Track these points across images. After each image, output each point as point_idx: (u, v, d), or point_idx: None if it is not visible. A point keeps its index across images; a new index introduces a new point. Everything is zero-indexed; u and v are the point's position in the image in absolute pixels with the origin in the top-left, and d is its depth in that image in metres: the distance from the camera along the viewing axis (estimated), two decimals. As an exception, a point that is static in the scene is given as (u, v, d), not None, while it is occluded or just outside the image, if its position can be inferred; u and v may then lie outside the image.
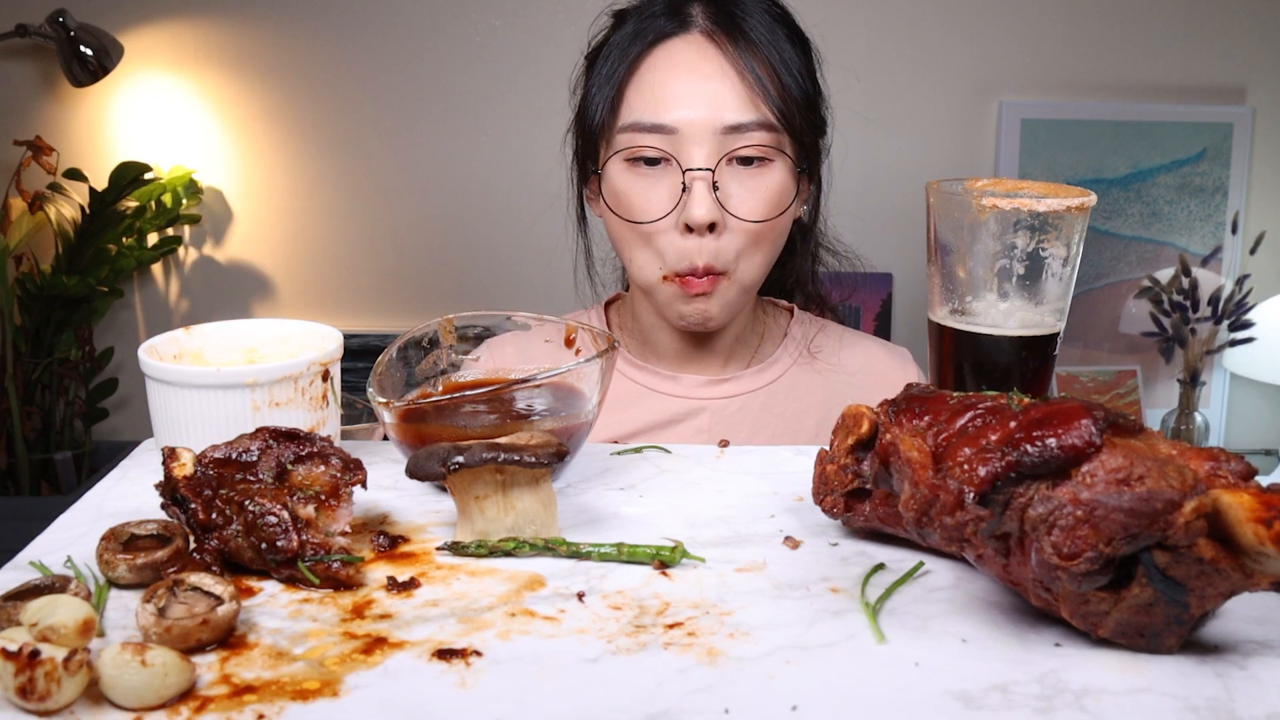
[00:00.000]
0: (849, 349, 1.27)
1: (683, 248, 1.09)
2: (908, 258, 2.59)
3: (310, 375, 0.82)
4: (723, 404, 1.21)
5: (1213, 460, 0.58)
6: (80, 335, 2.51)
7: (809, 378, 1.24)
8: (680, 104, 1.08)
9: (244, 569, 0.67)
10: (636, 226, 1.11)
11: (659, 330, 1.22)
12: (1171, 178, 2.67)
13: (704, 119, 1.07)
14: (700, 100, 1.08)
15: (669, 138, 1.08)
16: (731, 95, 1.08)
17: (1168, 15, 2.59)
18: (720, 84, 1.08)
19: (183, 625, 0.57)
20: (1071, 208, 0.79)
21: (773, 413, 1.21)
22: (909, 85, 2.59)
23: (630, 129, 1.10)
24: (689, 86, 1.08)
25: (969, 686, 0.56)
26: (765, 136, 1.09)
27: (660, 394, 1.21)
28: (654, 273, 1.12)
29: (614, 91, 1.12)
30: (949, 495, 0.59)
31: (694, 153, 1.08)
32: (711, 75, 1.09)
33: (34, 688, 0.51)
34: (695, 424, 1.20)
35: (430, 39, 2.53)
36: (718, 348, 1.22)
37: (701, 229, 1.08)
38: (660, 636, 0.60)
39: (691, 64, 1.09)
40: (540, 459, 0.68)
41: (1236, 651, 0.59)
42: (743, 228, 1.09)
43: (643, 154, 1.10)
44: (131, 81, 2.50)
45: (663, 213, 1.09)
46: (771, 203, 1.10)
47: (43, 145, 2.48)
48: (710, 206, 1.07)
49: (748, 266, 1.12)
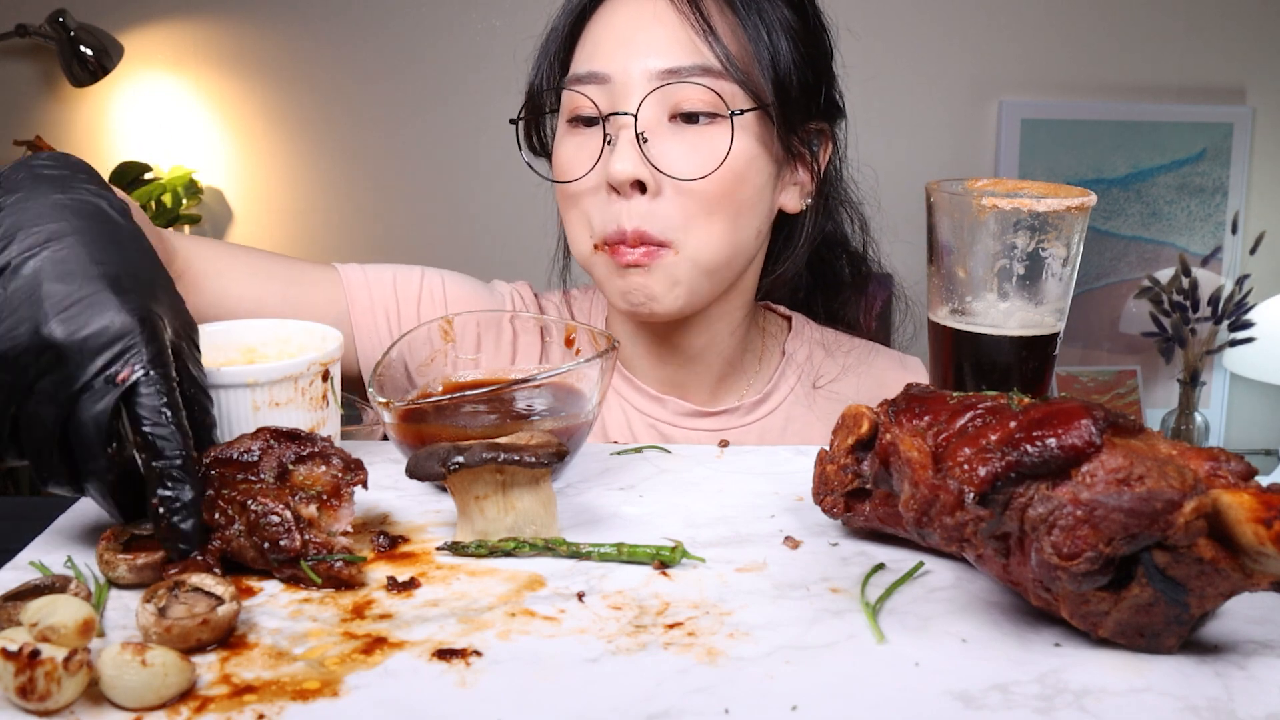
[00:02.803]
0: (857, 369, 1.14)
1: (609, 210, 0.97)
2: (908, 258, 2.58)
3: (310, 375, 0.82)
4: (710, 438, 1.07)
5: (1213, 460, 0.58)
6: (80, 335, 2.51)
7: (807, 412, 1.11)
8: (614, 50, 0.97)
9: (245, 569, 0.67)
10: (567, 190, 1.00)
11: (637, 345, 1.09)
12: (1171, 178, 2.67)
13: (638, 62, 0.95)
14: (636, 45, 0.96)
15: (603, 89, 0.97)
16: (668, 38, 0.95)
17: (1168, 15, 2.60)
18: (660, 27, 0.96)
19: (183, 625, 0.57)
20: (1071, 208, 0.79)
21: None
22: (909, 85, 2.60)
23: (569, 84, 1.00)
24: (626, 33, 0.97)
25: (969, 686, 0.56)
26: (708, 86, 0.95)
27: (643, 414, 1.10)
28: (585, 242, 1.00)
29: (556, 51, 1.03)
30: (949, 495, 0.59)
31: (625, 102, 0.96)
32: (651, 19, 0.97)
33: (34, 688, 0.51)
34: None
35: (430, 39, 2.53)
36: (705, 374, 1.08)
37: (625, 187, 0.95)
38: (660, 636, 0.60)
39: (634, 12, 0.98)
40: (540, 459, 0.68)
41: (1236, 651, 0.59)
42: (681, 190, 0.95)
43: (579, 111, 0.99)
44: (131, 81, 2.50)
45: (585, 168, 0.98)
46: (712, 161, 0.95)
47: (43, 145, 2.48)
48: (634, 160, 0.94)
49: (699, 240, 0.97)
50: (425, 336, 0.92)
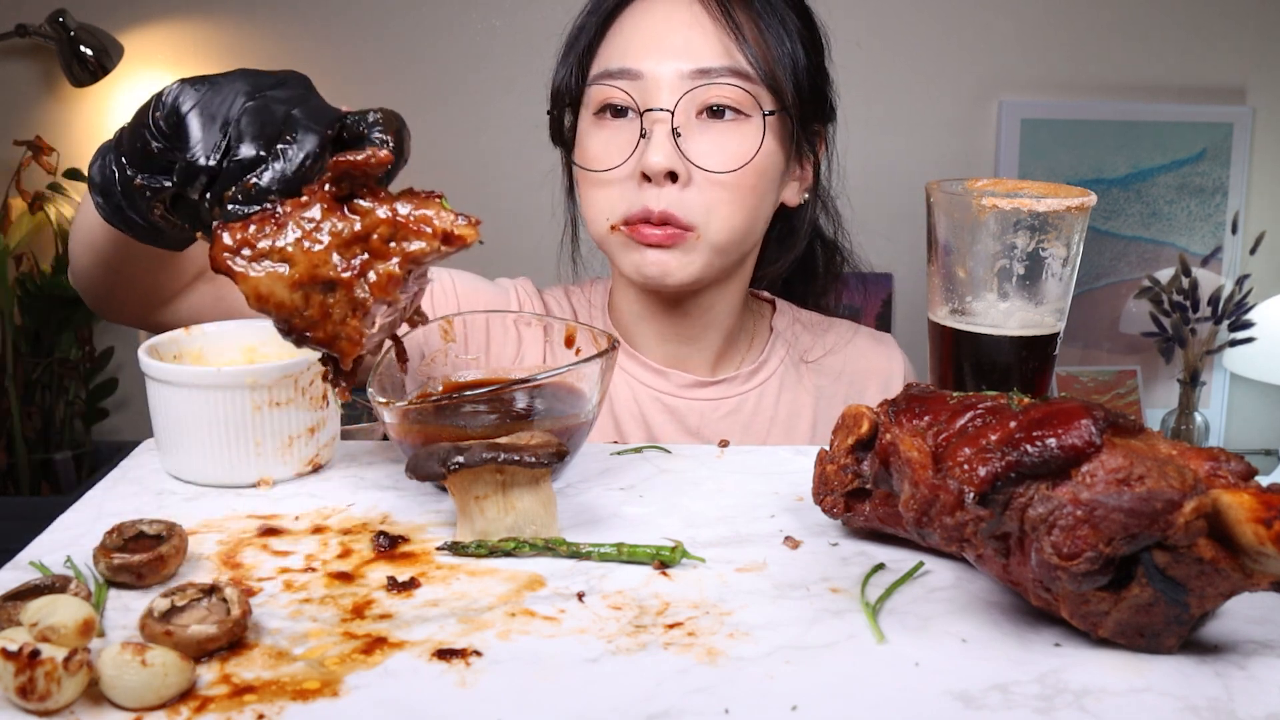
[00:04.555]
0: (836, 345, 1.23)
1: (638, 195, 1.02)
2: (908, 258, 2.59)
3: (310, 375, 0.82)
4: (712, 406, 1.16)
5: (1213, 460, 0.58)
6: (80, 335, 2.51)
7: (797, 384, 1.20)
8: (649, 49, 1.03)
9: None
10: (593, 176, 1.05)
11: (642, 323, 1.16)
12: (1171, 178, 2.67)
13: (671, 63, 1.02)
14: (670, 46, 1.03)
15: (635, 84, 1.03)
16: (703, 41, 1.03)
17: (1168, 15, 2.60)
18: (693, 31, 1.03)
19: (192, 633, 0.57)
20: (1071, 208, 0.79)
21: (763, 416, 1.17)
22: (909, 85, 2.59)
23: (599, 79, 1.05)
24: (660, 34, 1.04)
25: (969, 686, 0.56)
26: (738, 85, 1.02)
27: (648, 388, 1.16)
28: (604, 223, 1.06)
29: (585, 47, 1.08)
30: (949, 495, 0.59)
31: (659, 99, 1.02)
32: (686, 23, 1.04)
33: (34, 688, 0.51)
34: (684, 426, 1.15)
35: (430, 39, 2.53)
36: (706, 349, 1.16)
37: (659, 177, 1.01)
38: (660, 636, 0.60)
39: (666, 13, 1.05)
40: (540, 459, 0.68)
41: (1236, 651, 0.59)
42: (709, 180, 1.02)
43: (610, 101, 1.04)
44: (131, 81, 2.50)
45: (620, 159, 1.03)
46: (741, 157, 1.03)
47: (43, 145, 2.48)
48: (669, 153, 1.00)
49: (720, 225, 1.04)
50: (425, 336, 0.93)
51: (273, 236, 0.64)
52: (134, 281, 0.94)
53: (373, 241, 0.65)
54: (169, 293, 0.97)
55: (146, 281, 0.95)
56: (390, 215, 0.65)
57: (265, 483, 0.81)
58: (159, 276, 0.95)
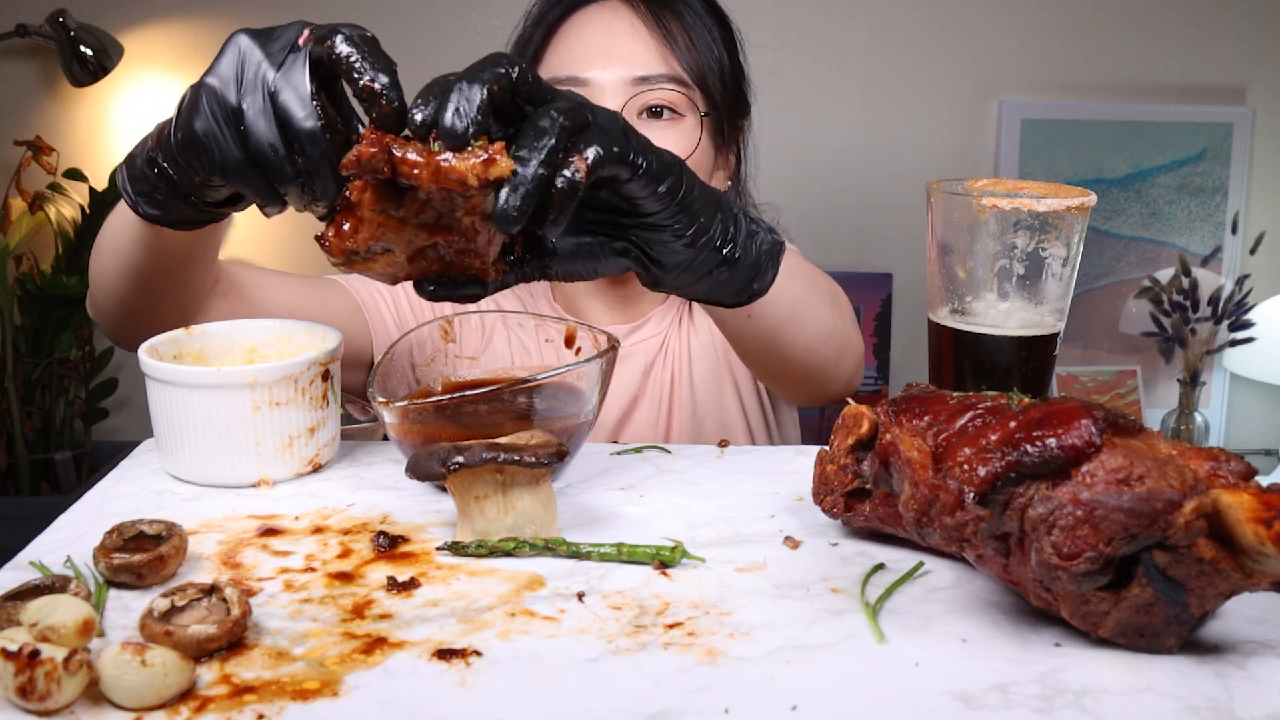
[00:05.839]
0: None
1: None
2: (908, 258, 2.59)
3: (310, 375, 0.82)
4: (653, 343, 1.23)
5: (1213, 460, 0.58)
6: (80, 335, 2.51)
7: (701, 316, 1.26)
8: (593, 58, 1.11)
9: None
10: None
11: (590, 298, 1.24)
12: (1171, 178, 2.67)
13: (616, 70, 1.10)
14: (614, 55, 1.11)
15: (583, 90, 1.10)
16: (644, 50, 1.11)
17: (1168, 15, 2.60)
18: (634, 40, 1.12)
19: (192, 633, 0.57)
20: (1071, 208, 0.79)
21: (699, 342, 1.23)
22: (909, 85, 2.59)
23: None
24: (603, 44, 1.12)
25: (969, 686, 0.56)
26: (676, 90, 1.12)
27: None
28: None
29: (531, 56, 1.15)
30: (949, 495, 0.59)
31: (606, 103, 1.08)
32: (626, 33, 1.12)
33: (34, 688, 0.51)
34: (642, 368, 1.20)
35: (430, 39, 2.53)
36: (635, 299, 1.24)
37: None
38: (660, 636, 0.60)
39: (607, 23, 1.13)
40: (540, 459, 0.68)
41: (1236, 651, 0.59)
42: None
43: None
44: (131, 81, 2.50)
45: None
46: (680, 153, 1.06)
47: (43, 145, 2.48)
48: None
49: None
50: (425, 336, 0.93)
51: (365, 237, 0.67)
52: (163, 292, 0.94)
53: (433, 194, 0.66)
54: (192, 306, 0.97)
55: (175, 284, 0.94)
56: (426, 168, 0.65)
57: (265, 483, 0.81)
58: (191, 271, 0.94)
